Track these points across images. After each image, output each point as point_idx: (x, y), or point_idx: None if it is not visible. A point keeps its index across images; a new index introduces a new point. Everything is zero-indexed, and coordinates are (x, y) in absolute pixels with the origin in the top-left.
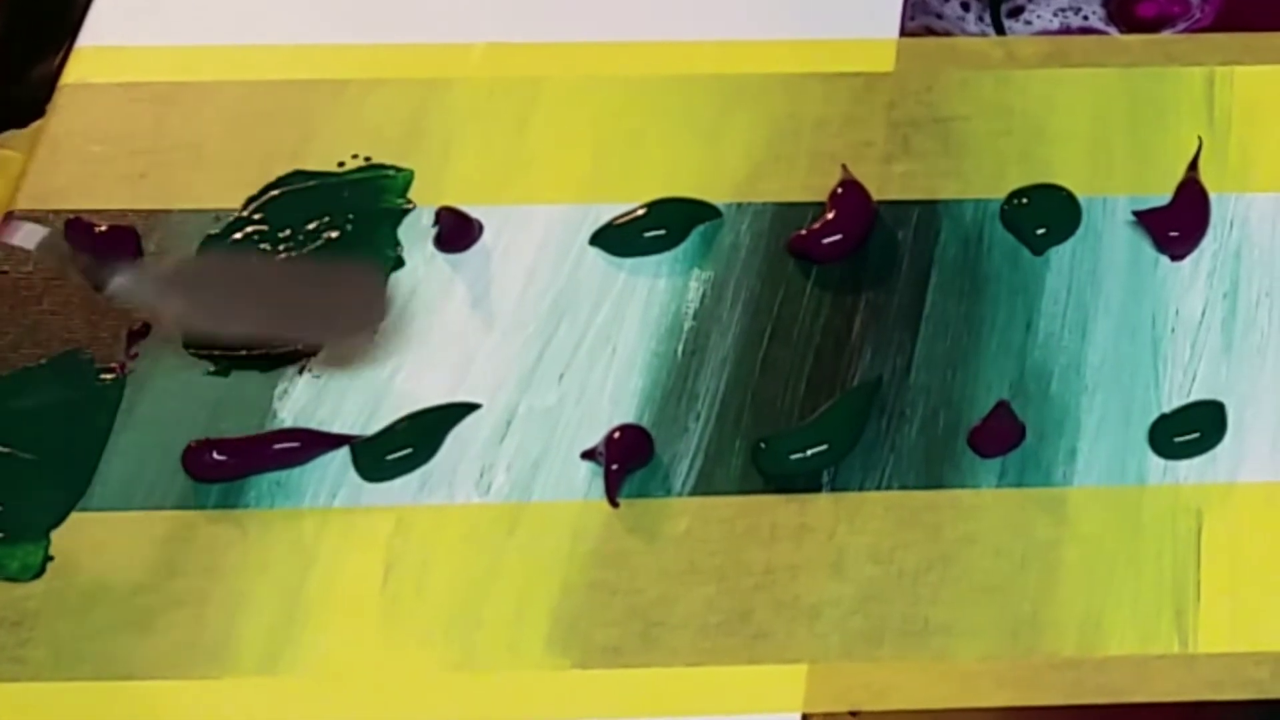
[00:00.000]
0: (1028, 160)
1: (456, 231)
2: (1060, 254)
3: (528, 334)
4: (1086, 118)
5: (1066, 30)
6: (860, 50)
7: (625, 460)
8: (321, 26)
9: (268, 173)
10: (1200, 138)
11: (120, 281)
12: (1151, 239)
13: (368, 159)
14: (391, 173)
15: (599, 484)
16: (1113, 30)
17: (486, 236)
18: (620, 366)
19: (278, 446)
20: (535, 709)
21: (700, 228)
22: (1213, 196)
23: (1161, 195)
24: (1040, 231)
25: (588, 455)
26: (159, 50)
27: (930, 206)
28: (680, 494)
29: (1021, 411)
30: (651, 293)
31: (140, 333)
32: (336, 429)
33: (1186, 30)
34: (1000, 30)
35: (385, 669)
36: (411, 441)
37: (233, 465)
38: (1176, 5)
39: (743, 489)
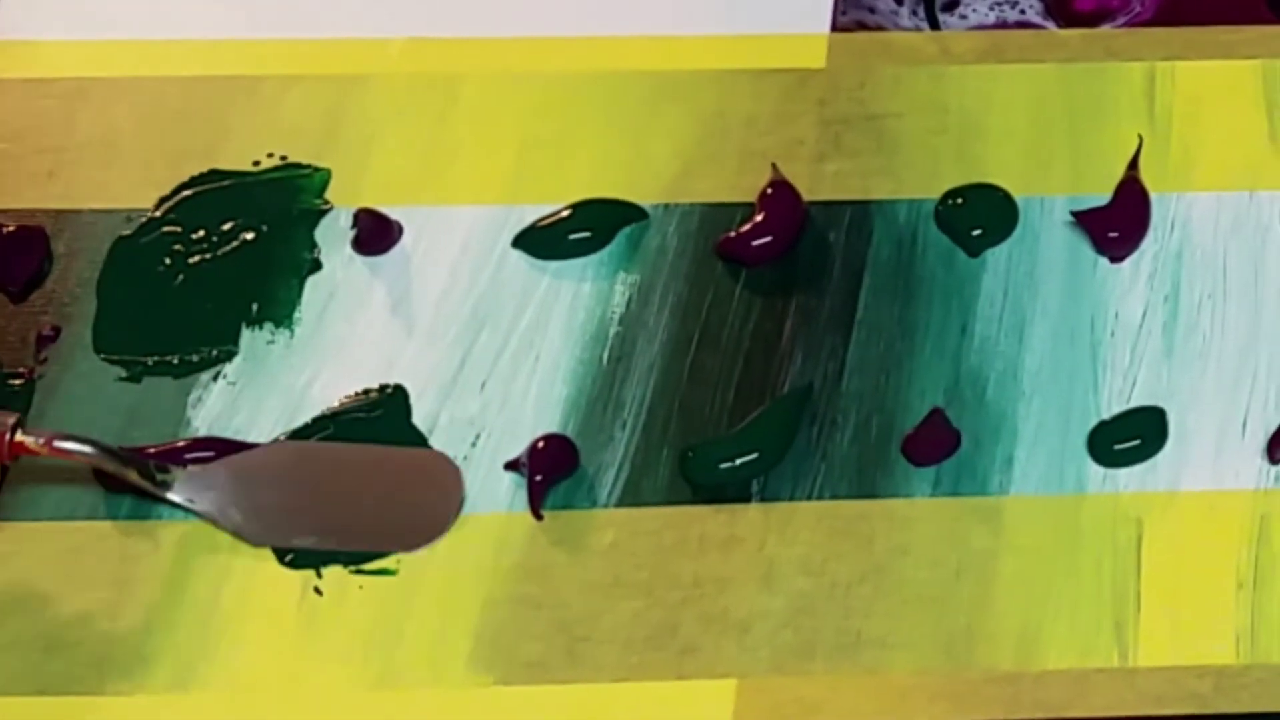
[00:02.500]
0: (963, 159)
1: (375, 233)
2: (996, 255)
3: (449, 340)
4: (1023, 115)
5: (1003, 25)
6: (791, 46)
7: (549, 471)
8: (237, 21)
9: (181, 172)
10: (1140, 135)
11: (176, 491)
12: (1090, 240)
13: (284, 158)
14: (308, 172)
15: (522, 495)
16: (1050, 25)
17: (406, 238)
18: (544, 374)
19: (192, 455)
20: None
21: (626, 229)
22: (1153, 196)
23: (1101, 195)
24: (976, 232)
25: (511, 466)
26: (68, 45)
27: (863, 207)
28: (606, 505)
29: (956, 418)
30: (576, 297)
31: (50, 337)
32: (252, 438)
33: (1126, 24)
34: (935, 25)
35: (303, 686)
36: None
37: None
38: None
39: (670, 500)
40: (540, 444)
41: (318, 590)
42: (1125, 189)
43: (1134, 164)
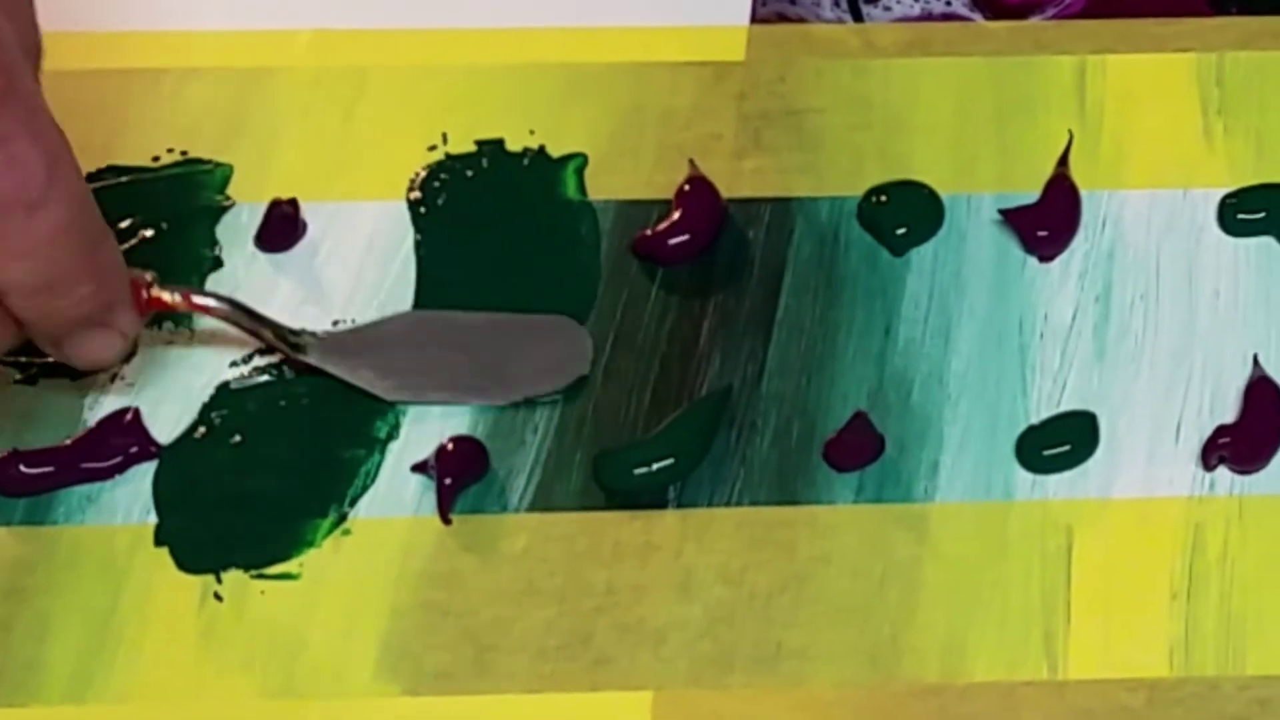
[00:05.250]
0: (887, 155)
1: (279, 229)
2: (921, 255)
3: None
4: (949, 110)
5: (928, 17)
6: (709, 38)
7: (459, 474)
8: (135, 12)
9: None
10: (1071, 131)
11: (310, 352)
12: (1019, 239)
13: (184, 153)
14: (209, 168)
15: (430, 499)
16: (977, 17)
17: (311, 235)
18: None
19: (88, 461)
20: None
21: None
22: (1084, 193)
23: (1029, 192)
24: (900, 231)
25: (418, 468)
26: None
27: (783, 204)
28: (517, 510)
29: (880, 422)
30: None
31: None
32: None
33: (1056, 16)
34: (858, 17)
35: (203, 696)
36: None
37: (41, 479)
38: None
39: (583, 505)
40: (449, 446)
41: (218, 596)
42: (1055, 186)
43: (1064, 160)
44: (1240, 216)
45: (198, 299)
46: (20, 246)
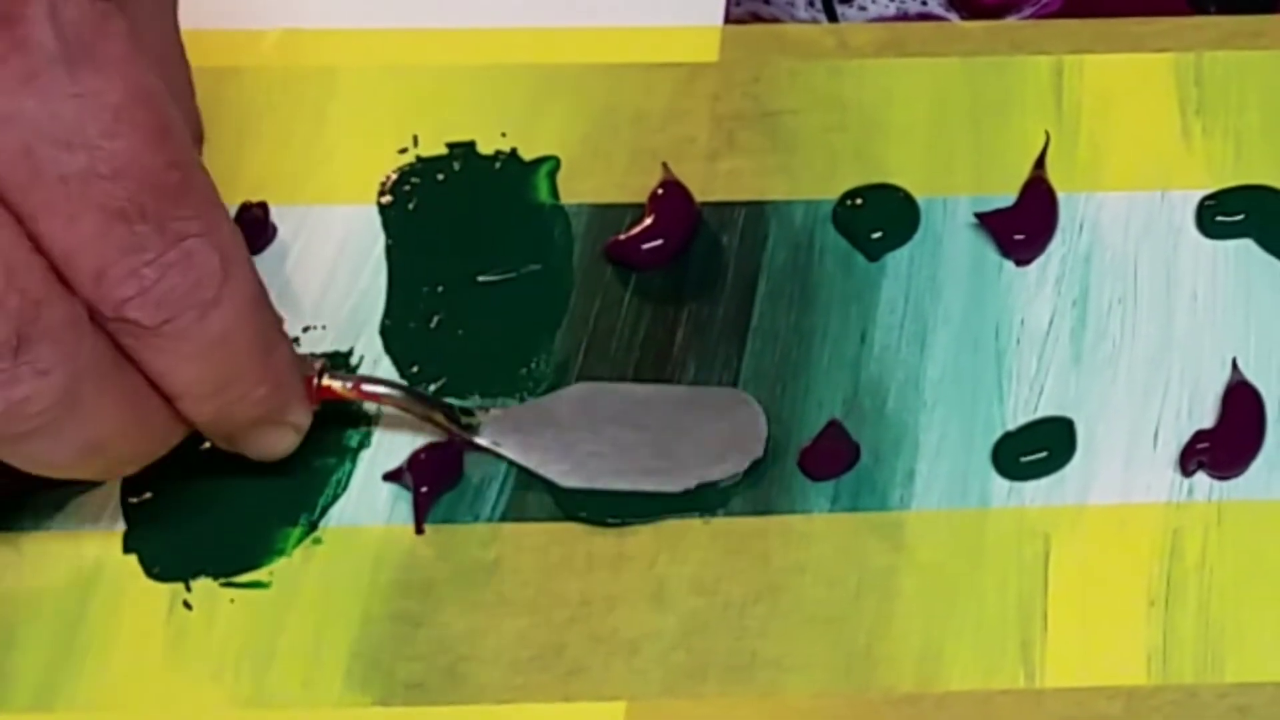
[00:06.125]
0: (862, 158)
1: (248, 233)
2: (897, 259)
3: (325, 344)
4: (925, 111)
5: (903, 17)
6: (682, 39)
7: (434, 483)
8: None
9: None
10: (1048, 132)
11: (483, 435)
12: (995, 242)
13: None
14: None
15: (401, 508)
16: (953, 16)
17: (281, 238)
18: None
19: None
20: None
21: None
22: (1061, 196)
23: (1006, 195)
24: (875, 235)
25: (391, 477)
26: None
27: (758, 208)
28: (490, 519)
29: (855, 430)
30: None
31: None
32: None
33: (1033, 16)
34: (832, 17)
35: (171, 705)
36: None
37: (7, 484)
38: None
39: (557, 515)
40: (423, 454)
41: (187, 604)
42: (1031, 189)
43: (1040, 162)
44: (1219, 219)
45: (368, 388)
46: (193, 349)
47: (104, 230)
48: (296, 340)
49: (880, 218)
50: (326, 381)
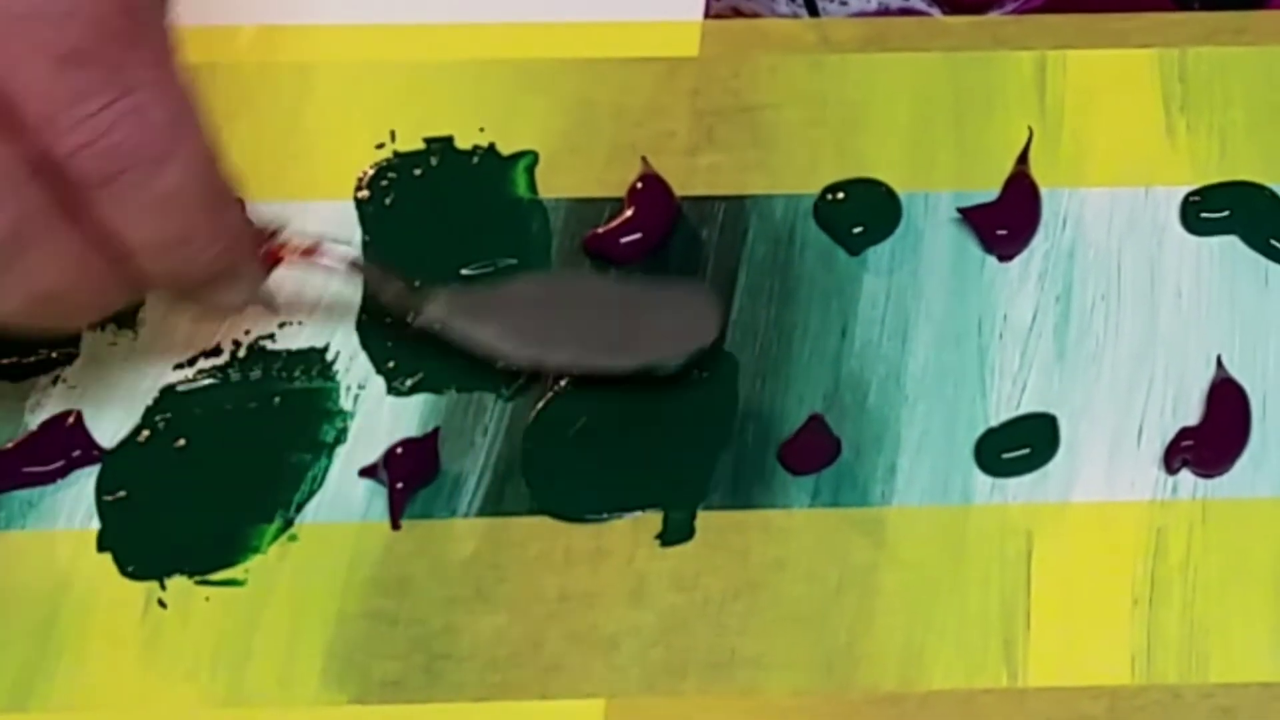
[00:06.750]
0: (843, 153)
1: None
2: (878, 254)
3: (301, 340)
4: (907, 107)
5: (885, 11)
6: (662, 33)
7: (410, 478)
8: None
9: None
10: (1030, 128)
11: (435, 308)
12: (978, 238)
13: None
14: None
15: (378, 504)
16: (935, 11)
17: None
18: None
19: (29, 465)
20: None
21: None
22: (1044, 191)
23: (988, 190)
24: (857, 230)
25: (367, 473)
26: None
27: (738, 202)
28: (467, 515)
29: (837, 425)
30: None
31: None
32: None
33: (1015, 11)
34: (813, 11)
35: (147, 705)
36: None
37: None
38: None
39: (535, 509)
40: (399, 449)
41: (162, 603)
42: (1014, 184)
43: (1023, 158)
44: (1203, 215)
45: (323, 247)
46: (144, 203)
47: (52, 73)
48: (272, 336)
49: (862, 212)
50: (282, 239)
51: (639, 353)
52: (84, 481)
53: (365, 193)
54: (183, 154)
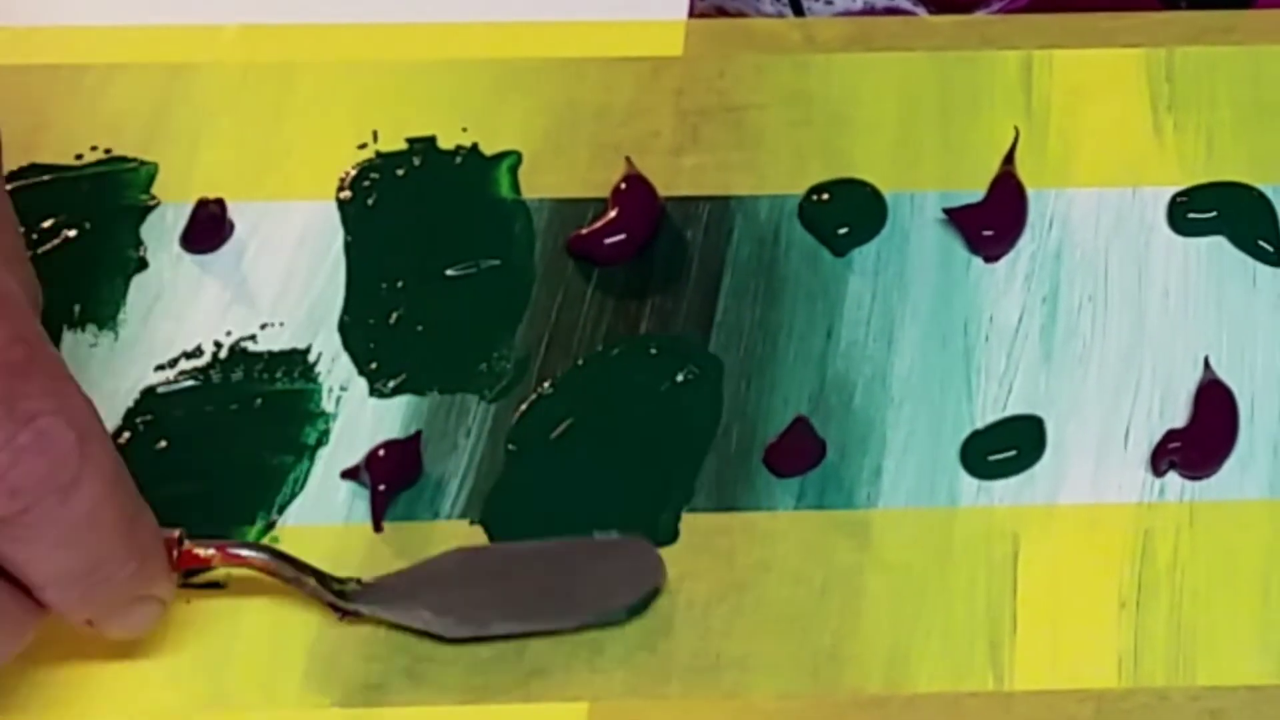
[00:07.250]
0: (828, 153)
1: (206, 229)
2: (864, 255)
3: (283, 342)
4: (893, 107)
5: (870, 10)
6: (646, 32)
7: (392, 480)
8: (58, 6)
9: None
10: (1017, 128)
11: (359, 600)
12: (964, 239)
13: (108, 151)
14: (134, 166)
15: (360, 506)
16: (921, 10)
17: (238, 235)
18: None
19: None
20: None
21: None
22: (1030, 192)
23: (974, 191)
24: (842, 230)
25: (349, 475)
26: None
27: (722, 203)
28: (450, 517)
29: (822, 427)
30: None
31: None
32: None
33: (1002, 10)
34: (798, 11)
35: (130, 708)
36: None
37: None
38: None
39: (517, 521)
40: (381, 451)
41: None
42: (1000, 184)
43: (1010, 158)
44: (1191, 215)
45: (233, 550)
46: (57, 534)
47: None
48: (253, 337)
49: (847, 213)
50: (188, 547)
51: (582, 610)
52: None
53: (347, 193)
54: (91, 476)
